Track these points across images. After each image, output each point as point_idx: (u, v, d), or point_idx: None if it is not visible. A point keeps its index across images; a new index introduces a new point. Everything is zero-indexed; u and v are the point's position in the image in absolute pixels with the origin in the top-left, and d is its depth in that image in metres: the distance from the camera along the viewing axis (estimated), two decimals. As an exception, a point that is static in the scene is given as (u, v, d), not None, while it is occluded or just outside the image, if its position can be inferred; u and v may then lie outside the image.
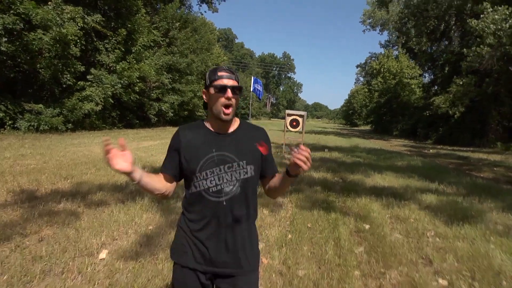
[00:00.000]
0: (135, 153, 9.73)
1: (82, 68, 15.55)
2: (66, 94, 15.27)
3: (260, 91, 12.36)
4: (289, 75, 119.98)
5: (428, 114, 29.70)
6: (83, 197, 4.97)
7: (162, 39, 23.72)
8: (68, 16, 14.82)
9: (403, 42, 34.96)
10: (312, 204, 5.40)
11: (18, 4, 11.75)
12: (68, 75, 14.70)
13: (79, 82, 16.41)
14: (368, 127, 66.58)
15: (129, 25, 18.80)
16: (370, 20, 52.65)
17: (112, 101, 18.05)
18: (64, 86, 14.83)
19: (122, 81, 18.24)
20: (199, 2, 34.90)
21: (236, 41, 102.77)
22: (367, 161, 11.69)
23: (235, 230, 1.54)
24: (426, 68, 46.80)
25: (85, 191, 5.24)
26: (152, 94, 22.23)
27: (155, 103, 22.55)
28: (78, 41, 15.45)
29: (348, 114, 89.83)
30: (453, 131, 26.96)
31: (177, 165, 1.58)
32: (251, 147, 1.57)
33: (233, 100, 1.50)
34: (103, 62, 17.89)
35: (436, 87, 36.54)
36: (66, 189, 5.35)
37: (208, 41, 32.29)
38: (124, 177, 6.18)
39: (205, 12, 64.59)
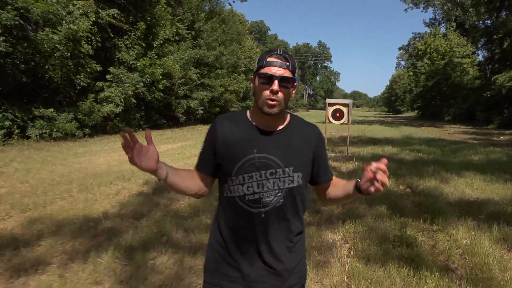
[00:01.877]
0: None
1: (98, 68, 14.25)
2: (82, 96, 14.05)
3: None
4: (325, 64, 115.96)
5: (488, 95, 26.04)
6: (17, 248, 3.26)
7: (187, 32, 22.19)
8: (80, 11, 13.55)
9: (457, 15, 30.92)
10: (381, 247, 3.35)
11: (16, -2, 10.52)
12: (82, 76, 13.42)
13: (97, 83, 15.21)
14: (413, 114, 62.13)
15: (148, 18, 17.35)
16: (412, -3, 48.37)
17: (135, 101, 16.73)
18: (78, 88, 13.59)
19: (144, 79, 16.87)
20: (227, -8, 33.05)
21: (269, 33, 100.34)
22: (432, 157, 9.31)
23: (274, 248, 1.27)
24: (479, 45, 42.18)
25: (27, 237, 3.54)
26: (179, 91, 20.79)
27: (183, 101, 21.10)
28: (93, 38, 14.19)
29: (390, 101, 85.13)
30: (522, 113, 23.27)
31: (213, 162, 1.31)
32: (301, 149, 1.31)
33: (280, 95, 1.21)
34: (123, 59, 16.60)
35: (494, 65, 32.37)
36: (5, 232, 3.68)
37: (238, 31, 30.45)
38: (103, 207, 4.47)
39: (233, 2, 62.62)
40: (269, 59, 1.22)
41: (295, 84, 1.27)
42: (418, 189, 5.80)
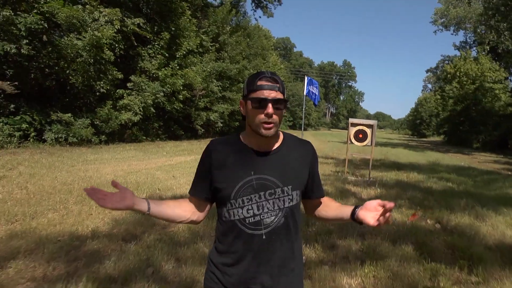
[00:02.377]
0: (153, 173, 7.72)
1: (120, 75, 14.21)
2: (101, 103, 13.99)
3: (316, 94, 9.80)
4: (349, 83, 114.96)
5: (523, 122, 24.65)
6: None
7: (211, 44, 22.17)
8: (105, 18, 13.63)
9: (491, 39, 29.71)
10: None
11: (42, 3, 10.58)
12: (102, 83, 13.36)
13: (118, 90, 15.19)
14: (439, 138, 60.14)
15: (173, 29, 17.37)
16: (442, 20, 47.38)
17: (154, 111, 16.61)
18: (98, 94, 13.53)
19: (165, 89, 16.77)
20: (254, 8, 33.25)
21: (295, 50, 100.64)
22: (462, 188, 8.51)
23: (275, 269, 1.26)
24: (512, 71, 40.59)
25: (0, 255, 3.13)
26: (200, 103, 20.62)
27: (203, 113, 20.90)
28: (117, 45, 14.21)
29: (415, 124, 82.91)
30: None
31: (208, 186, 1.29)
32: (297, 167, 1.33)
33: (275, 117, 1.21)
34: (146, 68, 16.57)
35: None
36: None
37: (262, 46, 30.36)
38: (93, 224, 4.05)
39: (260, 17, 62.53)
40: (259, 82, 1.21)
41: (286, 104, 1.26)
42: (449, 225, 5.12)
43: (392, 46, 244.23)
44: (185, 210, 1.33)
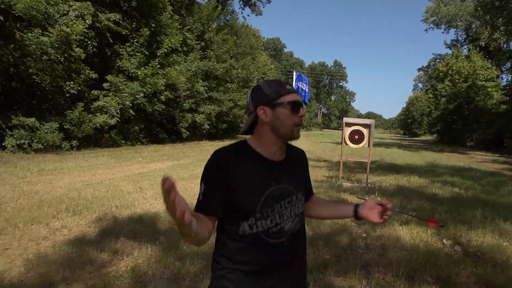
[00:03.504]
0: (117, 184, 6.62)
1: (93, 74, 13.04)
2: (73, 105, 12.80)
3: (306, 91, 8.76)
4: (341, 84, 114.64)
5: (519, 120, 24.02)
6: None
7: (196, 42, 21.08)
8: (76, 13, 12.48)
9: (488, 34, 28.97)
10: None
11: (-3, -8, 9.43)
12: (72, 83, 12.18)
13: (92, 92, 14.02)
14: (431, 137, 59.82)
15: (153, 25, 16.24)
16: (433, 18, 46.93)
17: (134, 113, 15.45)
18: (67, 95, 12.34)
19: (145, 89, 15.64)
20: (242, 6, 32.24)
21: (285, 50, 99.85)
22: (472, 194, 7.56)
23: (294, 273, 1.29)
24: (503, 69, 40.24)
25: None
26: (184, 104, 19.50)
27: (188, 115, 19.78)
28: (89, 42, 13.06)
29: (407, 124, 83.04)
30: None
31: (222, 201, 1.19)
32: (301, 173, 1.40)
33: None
34: (124, 68, 15.42)
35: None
36: None
37: (251, 45, 29.30)
38: None
39: (248, 15, 60.50)
40: (288, 87, 1.25)
41: None
42: (471, 246, 4.14)
43: (383, 45, 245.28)
44: (207, 231, 1.18)
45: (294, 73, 8.67)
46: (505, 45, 40.34)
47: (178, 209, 0.88)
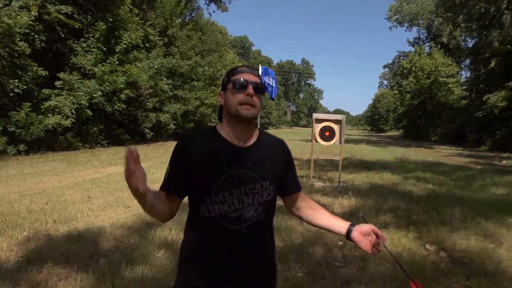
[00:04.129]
0: (62, 194, 5.79)
1: (42, 71, 11.92)
2: (21, 106, 11.60)
3: (273, 86, 8.25)
4: (309, 81, 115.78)
5: (480, 115, 24.76)
6: None
7: (159, 38, 20.08)
8: (20, 3, 11.32)
9: (449, 31, 29.66)
10: None
11: None
12: (17, 81, 11.02)
13: (43, 90, 12.85)
14: (397, 133, 61.46)
15: (110, 19, 15.17)
16: (397, 16, 48.09)
17: (91, 113, 14.36)
18: (11, 95, 11.15)
19: (103, 88, 14.58)
20: (207, 1, 31.37)
21: (253, 48, 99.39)
22: (445, 189, 7.33)
23: (254, 264, 1.26)
24: (462, 66, 41.79)
25: None
26: (148, 103, 18.49)
27: (152, 114, 18.79)
28: (36, 36, 11.92)
29: (373, 120, 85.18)
30: (516, 134, 21.91)
31: (184, 183, 1.23)
32: (274, 162, 1.32)
33: (256, 99, 1.21)
34: (80, 65, 14.28)
35: (479, 85, 31.40)
36: None
37: (217, 42, 28.51)
38: None
39: (214, 12, 58.14)
40: (240, 69, 1.25)
41: (264, 92, 1.28)
42: (456, 251, 3.74)
43: (349, 43, 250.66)
44: (165, 208, 1.23)
45: (260, 67, 8.14)
46: (463, 43, 42.06)
47: (134, 179, 0.95)
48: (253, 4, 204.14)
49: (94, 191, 6.02)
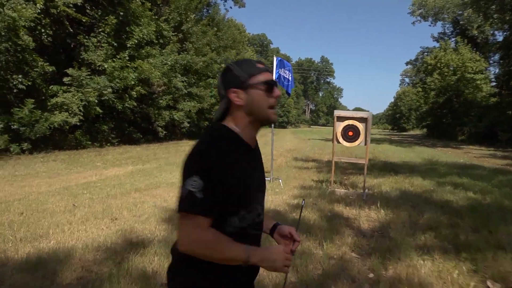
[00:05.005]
0: (45, 201, 5.09)
1: (48, 67, 11.43)
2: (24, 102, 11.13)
3: (289, 80, 7.35)
4: (328, 80, 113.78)
5: (513, 113, 23.08)
6: None
7: (173, 34, 19.46)
8: (25, -5, 10.83)
9: (480, 22, 27.85)
10: None
11: None
12: (20, 76, 10.53)
13: (51, 87, 12.38)
14: (419, 132, 59.31)
15: (121, 13, 14.60)
16: (420, 10, 46.10)
17: (101, 111, 13.83)
18: (14, 91, 10.67)
19: (113, 84, 14.03)
20: (224, -3, 30.62)
21: (271, 46, 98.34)
22: (491, 200, 6.24)
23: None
24: (490, 61, 39.66)
25: None
26: (161, 101, 17.91)
27: (165, 112, 18.20)
28: (43, 31, 11.43)
29: (395, 118, 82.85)
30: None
31: (220, 200, 1.06)
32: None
33: None
34: (90, 60, 13.77)
35: (511, 81, 29.47)
36: None
37: (234, 38, 27.74)
38: None
39: (231, 8, 56.34)
40: (258, 65, 1.16)
41: None
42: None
43: (370, 40, 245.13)
44: None
45: (275, 58, 7.25)
46: (491, 38, 39.84)
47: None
48: (272, 1, 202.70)
49: (83, 197, 5.31)
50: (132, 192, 5.75)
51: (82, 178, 6.91)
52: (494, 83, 35.15)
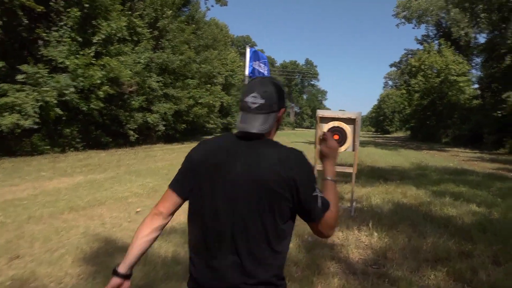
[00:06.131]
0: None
1: (-3, 62, 10.10)
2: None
3: (264, 74, 6.31)
4: (312, 82, 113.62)
5: (500, 114, 22.66)
6: None
7: (148, 30, 18.22)
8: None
9: (467, 21, 27.42)
10: None
11: None
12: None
13: (1, 85, 11.01)
14: (403, 134, 59.36)
15: (86, 5, 13.31)
16: (405, 13, 45.98)
17: (62, 112, 12.48)
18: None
19: (76, 83, 12.73)
20: (205, -5, 29.46)
21: (256, 48, 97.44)
22: (498, 213, 5.34)
23: None
24: (473, 63, 39.74)
25: None
26: (133, 102, 16.64)
27: (137, 114, 16.92)
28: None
29: (378, 121, 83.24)
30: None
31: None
32: None
33: None
34: (51, 57, 12.44)
35: (495, 83, 29.24)
36: None
37: (214, 37, 26.60)
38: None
39: (212, 6, 52.53)
40: None
41: None
42: None
43: (354, 42, 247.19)
44: None
45: (248, 50, 6.19)
46: (473, 41, 39.92)
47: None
48: (256, 3, 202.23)
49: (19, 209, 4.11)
50: (66, 212, 4.59)
51: (11, 193, 5.67)
52: (476, 86, 35.08)
